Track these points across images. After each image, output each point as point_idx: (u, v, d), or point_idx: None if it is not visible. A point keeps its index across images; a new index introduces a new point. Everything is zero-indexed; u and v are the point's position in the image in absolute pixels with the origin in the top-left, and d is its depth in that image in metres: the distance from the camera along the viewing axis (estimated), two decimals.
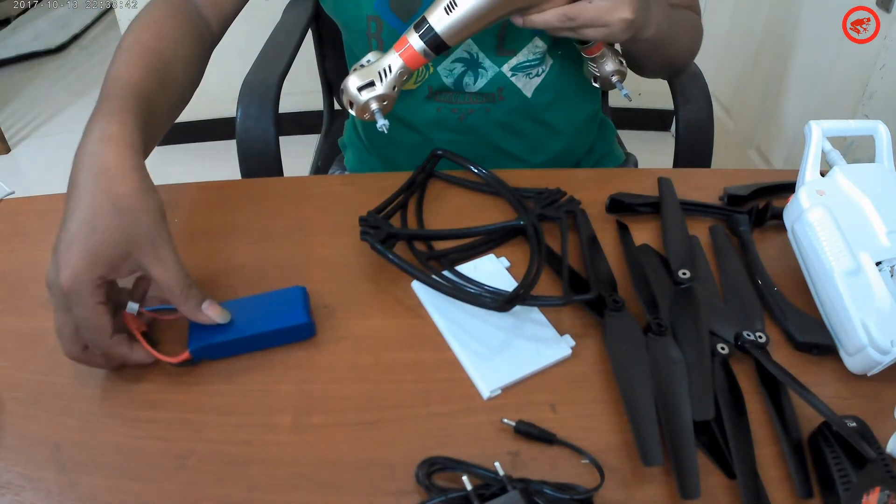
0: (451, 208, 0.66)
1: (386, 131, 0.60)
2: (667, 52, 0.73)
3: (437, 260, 0.59)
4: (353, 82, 0.60)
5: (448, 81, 0.74)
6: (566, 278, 0.54)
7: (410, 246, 0.60)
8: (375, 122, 0.60)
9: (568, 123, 0.81)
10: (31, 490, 0.43)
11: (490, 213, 0.65)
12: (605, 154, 0.90)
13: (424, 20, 0.58)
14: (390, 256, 0.55)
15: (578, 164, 0.87)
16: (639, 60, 0.73)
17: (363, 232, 0.57)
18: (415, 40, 0.58)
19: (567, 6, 0.57)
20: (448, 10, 0.57)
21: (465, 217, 0.65)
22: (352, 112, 0.61)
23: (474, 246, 0.61)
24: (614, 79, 0.67)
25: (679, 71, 0.88)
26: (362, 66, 0.61)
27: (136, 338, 0.49)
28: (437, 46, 0.59)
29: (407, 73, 0.60)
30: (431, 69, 0.74)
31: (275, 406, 0.48)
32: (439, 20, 0.57)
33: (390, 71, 0.59)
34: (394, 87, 0.60)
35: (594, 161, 0.89)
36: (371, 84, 0.59)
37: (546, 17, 0.58)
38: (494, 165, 0.70)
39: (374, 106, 0.60)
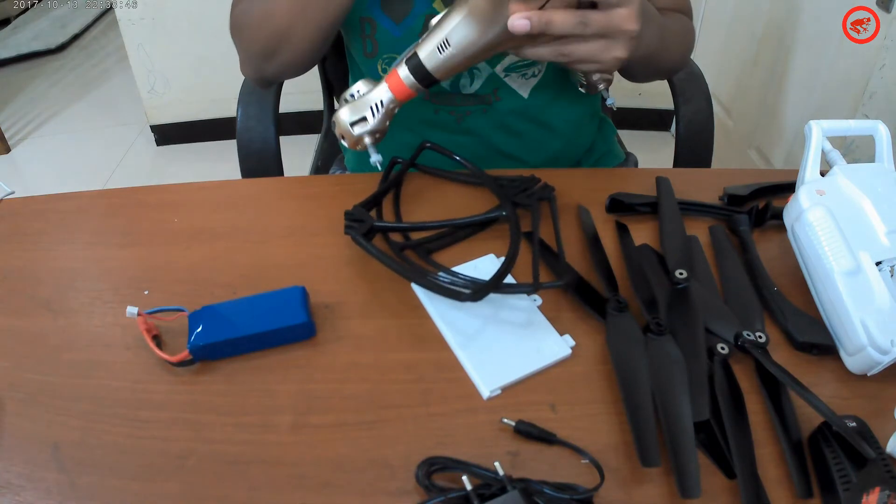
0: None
1: (380, 168, 0.61)
2: (657, 64, 0.73)
3: (413, 249, 0.60)
4: (345, 116, 0.60)
5: (444, 83, 0.74)
6: (537, 265, 0.55)
7: (386, 237, 0.61)
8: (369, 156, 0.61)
9: (566, 123, 0.81)
10: (31, 490, 0.43)
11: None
12: (605, 153, 0.90)
13: (416, 56, 0.58)
14: (372, 250, 0.56)
15: (579, 163, 0.87)
16: (629, 71, 0.74)
17: (347, 226, 0.58)
18: (405, 75, 0.58)
19: (562, 43, 0.56)
20: (440, 49, 0.57)
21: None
22: (344, 143, 0.62)
23: (449, 235, 0.62)
24: (601, 86, 0.66)
25: (671, 74, 0.88)
26: (353, 96, 0.61)
27: (146, 338, 0.50)
28: (428, 82, 0.59)
29: (398, 105, 0.60)
30: None
31: (275, 406, 0.48)
32: (430, 57, 0.57)
33: (381, 105, 0.60)
34: (385, 121, 0.60)
35: (594, 160, 0.89)
36: (363, 119, 0.60)
37: (539, 52, 0.57)
38: (493, 166, 0.70)
39: (367, 140, 0.61)
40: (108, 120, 2.49)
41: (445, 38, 0.56)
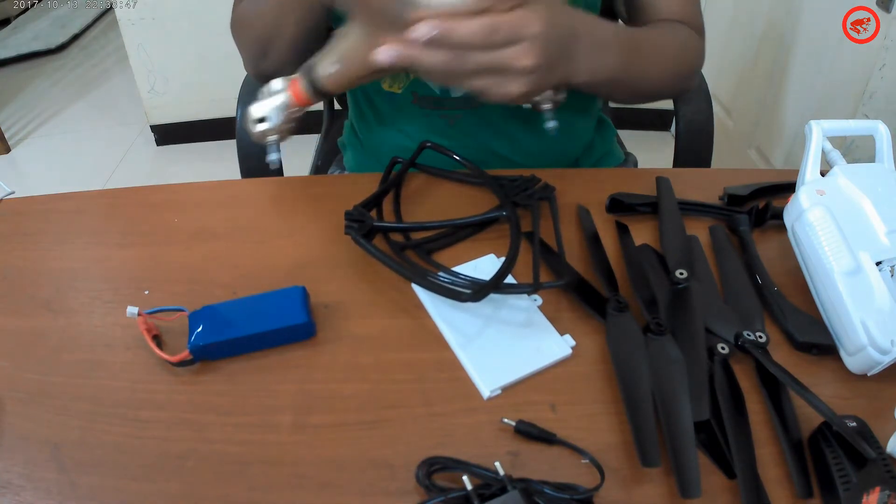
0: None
1: (272, 167, 0.63)
2: (631, 88, 0.66)
3: (413, 249, 0.60)
4: (251, 112, 0.61)
5: (433, 87, 0.74)
6: (537, 265, 0.55)
7: (386, 238, 0.61)
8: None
9: (559, 123, 0.80)
10: (31, 490, 0.43)
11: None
12: (604, 154, 0.90)
13: (313, 66, 0.58)
14: (372, 250, 0.56)
15: (578, 163, 0.87)
16: (600, 95, 0.71)
17: (347, 226, 0.58)
18: (303, 84, 0.59)
19: (451, 72, 0.52)
20: (331, 64, 0.57)
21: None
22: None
23: (449, 235, 0.62)
24: (544, 106, 0.62)
25: (661, 97, 0.75)
26: (269, 92, 0.62)
27: (146, 338, 0.50)
28: (323, 93, 0.59)
29: (299, 109, 0.61)
30: (412, 75, 0.73)
31: (275, 406, 0.48)
32: (322, 70, 0.58)
33: (282, 109, 0.61)
34: (286, 124, 0.61)
35: (594, 161, 0.89)
36: (263, 119, 0.61)
37: (432, 75, 0.54)
38: (488, 168, 0.69)
39: (270, 138, 0.62)
40: (108, 120, 2.49)
41: (337, 54, 0.57)
